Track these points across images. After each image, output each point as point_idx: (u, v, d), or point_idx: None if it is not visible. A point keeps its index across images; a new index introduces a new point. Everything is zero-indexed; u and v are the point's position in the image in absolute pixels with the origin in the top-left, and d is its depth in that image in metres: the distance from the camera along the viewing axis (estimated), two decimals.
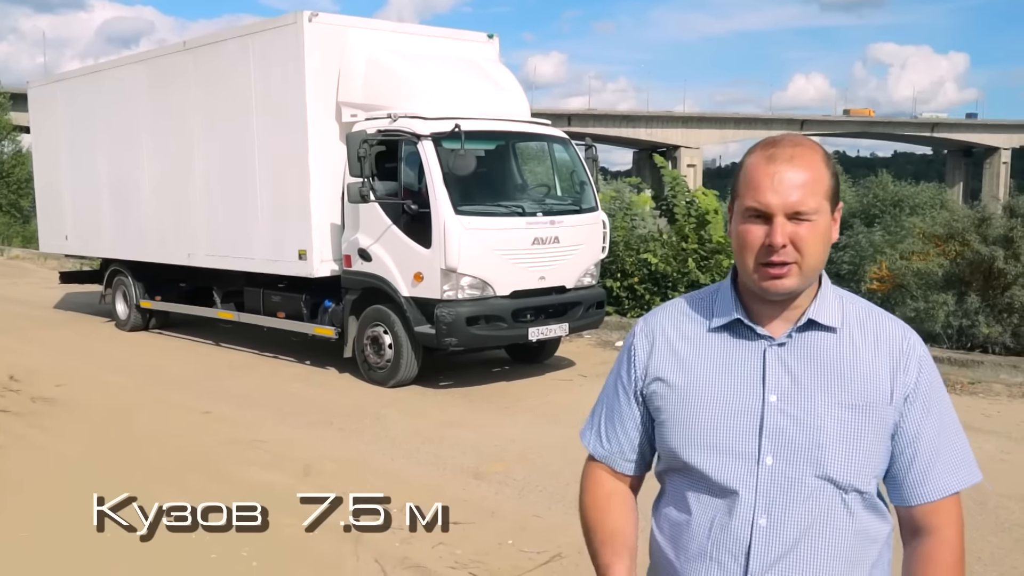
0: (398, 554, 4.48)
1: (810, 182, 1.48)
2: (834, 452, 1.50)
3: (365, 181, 8.01)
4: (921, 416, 1.54)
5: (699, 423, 1.57)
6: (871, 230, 32.67)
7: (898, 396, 1.53)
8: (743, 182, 1.52)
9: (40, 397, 8.03)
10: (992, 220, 11.01)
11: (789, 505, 1.51)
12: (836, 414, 1.51)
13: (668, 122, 75.25)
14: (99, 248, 12.68)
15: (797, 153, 1.49)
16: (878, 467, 1.54)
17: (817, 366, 1.53)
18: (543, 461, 6.14)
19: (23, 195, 31.69)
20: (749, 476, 1.53)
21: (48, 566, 4.51)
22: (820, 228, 1.49)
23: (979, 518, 4.97)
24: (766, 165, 1.49)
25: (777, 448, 1.51)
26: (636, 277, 11.56)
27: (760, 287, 1.52)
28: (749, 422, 1.53)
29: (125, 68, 11.78)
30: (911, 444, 1.54)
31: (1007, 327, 9.68)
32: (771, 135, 1.62)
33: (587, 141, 9.45)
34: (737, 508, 1.53)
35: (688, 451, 1.58)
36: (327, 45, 8.71)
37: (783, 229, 1.47)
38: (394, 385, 8.38)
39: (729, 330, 1.59)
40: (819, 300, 1.56)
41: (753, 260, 1.50)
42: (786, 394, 1.53)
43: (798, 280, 1.50)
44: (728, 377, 1.57)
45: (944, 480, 1.55)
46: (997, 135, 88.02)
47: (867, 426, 1.51)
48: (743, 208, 1.51)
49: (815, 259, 1.50)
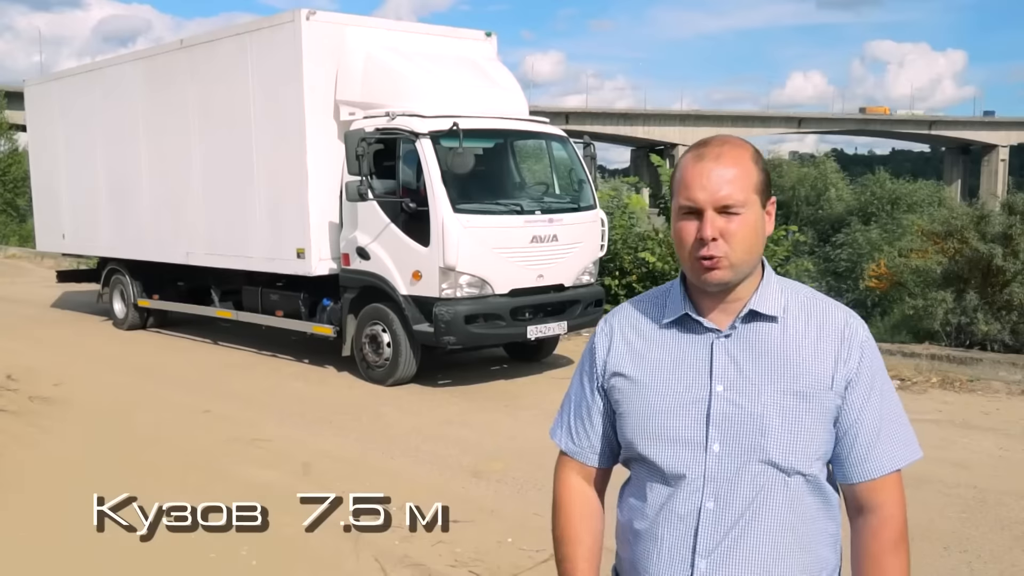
0: (398, 552, 4.47)
1: (737, 177, 1.56)
2: (776, 437, 1.57)
3: (363, 179, 8.00)
4: (863, 399, 1.60)
5: (652, 414, 1.65)
6: (868, 228, 32.69)
7: (840, 381, 1.59)
8: (676, 182, 1.61)
9: (38, 396, 8.02)
10: (990, 217, 11.01)
11: (735, 489, 1.59)
12: (779, 401, 1.57)
13: (666, 120, 75.27)
14: (96, 247, 12.67)
15: (724, 151, 1.58)
16: (820, 450, 1.60)
17: (761, 355, 1.61)
18: (542, 459, 6.09)
19: (19, 194, 31.66)
20: (697, 463, 1.61)
21: (48, 566, 4.49)
22: (749, 221, 1.57)
23: (979, 515, 4.98)
24: (695, 164, 1.57)
25: (724, 435, 1.59)
26: (634, 275, 11.54)
27: (698, 280, 1.60)
28: (697, 411, 1.61)
29: (122, 66, 11.76)
30: (853, 425, 1.60)
31: (1006, 324, 9.68)
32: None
33: (585, 139, 9.44)
34: (686, 493, 1.62)
35: (642, 441, 1.67)
36: (325, 43, 8.69)
37: (713, 223, 1.55)
38: (393, 383, 8.37)
39: (679, 325, 1.67)
40: (760, 291, 1.63)
41: (688, 254, 1.59)
42: (732, 383, 1.60)
43: (731, 272, 1.57)
44: (679, 369, 1.65)
45: (884, 459, 1.61)
46: (995, 132, 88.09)
47: (809, 412, 1.58)
48: (677, 206, 1.60)
49: (745, 251, 1.57)
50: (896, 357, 8.71)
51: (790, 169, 44.64)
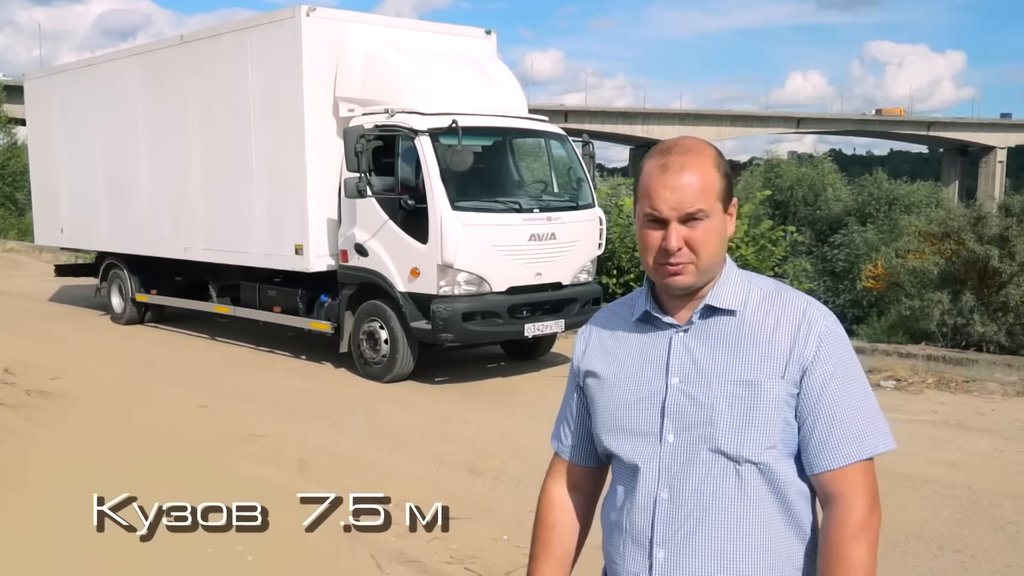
0: (394, 549, 4.48)
1: (700, 186, 1.58)
2: (724, 426, 1.59)
3: (362, 176, 8.00)
4: (820, 387, 1.59)
5: (615, 409, 1.72)
6: (865, 229, 32.68)
7: (793, 370, 1.60)
8: (641, 189, 1.62)
9: (35, 390, 8.03)
10: (987, 219, 11.02)
11: (688, 478, 1.62)
12: (729, 390, 1.60)
13: (665, 119, 75.23)
14: (95, 241, 12.67)
15: (688, 161, 1.59)
16: (771, 438, 1.59)
17: (716, 347, 1.64)
18: (538, 457, 6.10)
19: (18, 188, 31.59)
20: (653, 454, 1.65)
21: (48, 565, 4.49)
22: (713, 228, 1.60)
23: (973, 516, 5.00)
24: (660, 174, 1.59)
25: (678, 426, 1.63)
26: (632, 274, 11.55)
27: (661, 284, 1.65)
28: (654, 404, 1.66)
29: (122, 61, 11.76)
30: (810, 415, 1.60)
31: (1002, 326, 9.69)
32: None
33: (584, 138, 9.45)
34: (643, 484, 1.66)
35: (607, 435, 1.73)
36: (325, 40, 8.70)
37: (677, 233, 1.58)
38: (390, 380, 8.38)
39: (644, 322, 1.72)
40: (718, 287, 1.66)
41: (652, 260, 1.63)
42: (687, 376, 1.64)
43: (695, 277, 1.61)
44: (640, 364, 1.70)
45: (845, 448, 1.59)
46: (993, 134, 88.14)
47: (758, 400, 1.59)
48: (642, 213, 1.62)
49: (710, 257, 1.61)
50: (892, 357, 8.74)
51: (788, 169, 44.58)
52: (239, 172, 9.65)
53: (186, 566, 4.30)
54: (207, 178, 10.20)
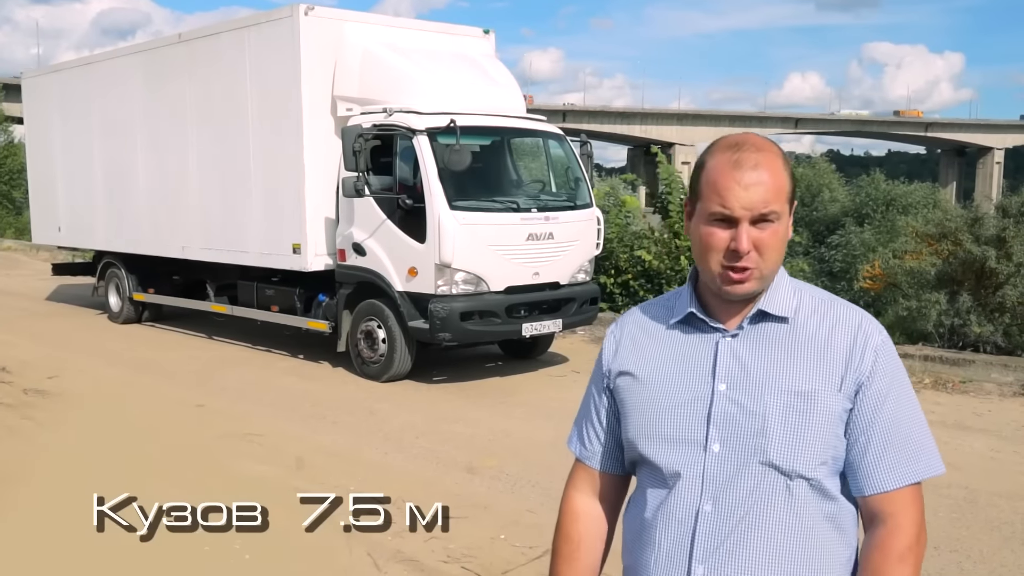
0: (391, 548, 4.49)
1: (774, 188, 1.51)
2: (777, 438, 1.51)
3: (360, 175, 8.00)
4: (875, 405, 1.53)
5: (653, 413, 1.62)
6: (862, 229, 32.73)
7: (849, 384, 1.53)
8: (707, 184, 1.53)
9: (32, 389, 8.02)
10: (984, 220, 11.03)
11: (734, 491, 1.53)
12: (782, 400, 1.52)
13: (663, 119, 75.35)
14: (92, 240, 12.65)
15: (761, 159, 1.51)
16: (825, 454, 1.53)
17: (767, 355, 1.56)
18: (536, 456, 6.15)
19: (15, 186, 31.52)
20: (696, 463, 1.56)
21: (47, 565, 4.48)
22: (780, 231, 1.53)
23: (969, 516, 5.01)
24: (732, 170, 1.50)
25: (724, 435, 1.54)
26: (630, 274, 11.57)
27: (721, 289, 1.56)
28: (698, 411, 1.57)
29: (120, 60, 11.74)
30: (864, 433, 1.53)
31: (998, 326, 9.69)
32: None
33: (582, 137, 9.45)
34: (684, 495, 1.57)
35: (642, 440, 1.63)
36: (323, 38, 8.70)
37: (748, 235, 1.50)
38: (387, 380, 8.38)
39: (686, 324, 1.64)
40: (771, 292, 1.58)
41: (716, 263, 1.54)
42: (735, 383, 1.56)
43: (758, 283, 1.54)
44: (682, 368, 1.61)
45: (898, 470, 1.53)
46: (990, 135, 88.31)
47: (813, 413, 1.52)
48: (707, 211, 1.53)
49: (775, 262, 1.55)
50: None
51: None
52: (237, 171, 9.64)
53: (184, 565, 4.30)
54: (205, 177, 10.19)
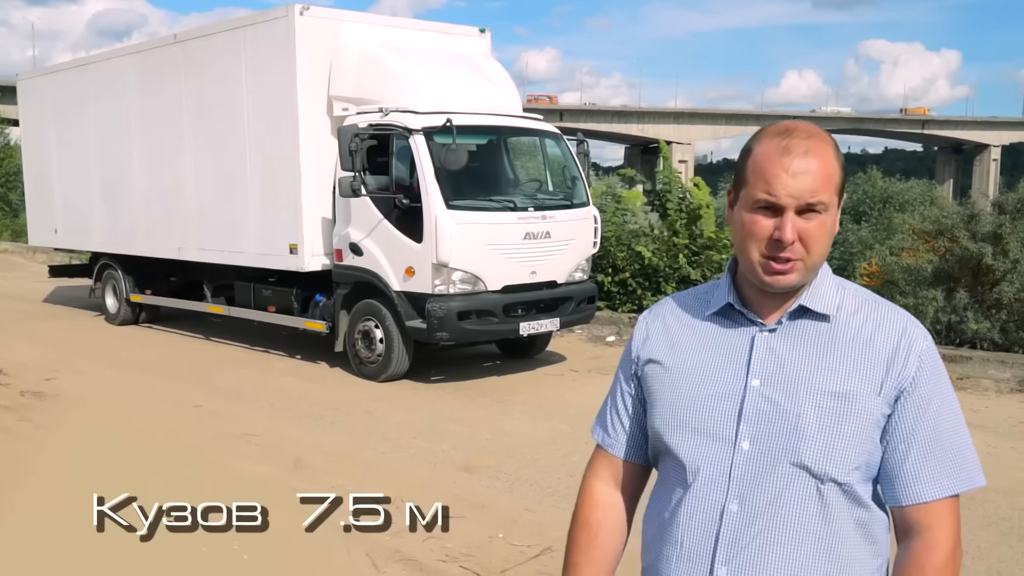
0: (389, 547, 4.48)
1: (823, 177, 1.44)
2: (811, 439, 1.45)
3: (356, 175, 7.99)
4: (917, 412, 1.47)
5: (681, 403, 1.56)
6: (859, 227, 32.74)
7: (889, 389, 1.47)
8: (753, 170, 1.47)
9: (29, 391, 8.00)
10: (981, 216, 11.04)
11: (762, 491, 1.47)
12: (818, 401, 1.46)
13: (660, 118, 75.39)
14: (89, 242, 12.64)
15: (812, 146, 1.45)
16: (859, 459, 1.47)
17: (805, 352, 1.50)
18: (534, 455, 6.16)
19: (12, 188, 31.49)
20: (723, 460, 1.50)
21: (47, 565, 4.47)
22: (828, 223, 1.47)
23: (966, 512, 4.97)
24: (780, 156, 1.44)
25: (755, 433, 1.49)
26: (627, 272, 11.57)
27: (762, 280, 1.49)
28: (729, 405, 1.51)
29: (115, 61, 11.73)
30: (904, 440, 1.47)
31: (995, 323, 9.71)
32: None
33: (579, 136, 9.46)
34: (708, 492, 1.51)
35: (668, 432, 1.58)
36: (318, 38, 8.69)
37: (793, 224, 1.43)
38: (385, 379, 8.37)
39: (722, 315, 1.58)
40: (813, 288, 1.52)
41: (758, 253, 1.47)
42: (770, 379, 1.50)
43: (801, 275, 1.48)
44: (715, 360, 1.55)
45: (938, 481, 1.47)
46: (987, 132, 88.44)
47: (850, 415, 1.46)
48: (752, 199, 1.46)
49: (820, 255, 1.48)
50: None
51: None
52: (233, 171, 9.63)
53: (182, 565, 4.29)
54: (201, 177, 10.18)
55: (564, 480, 5.57)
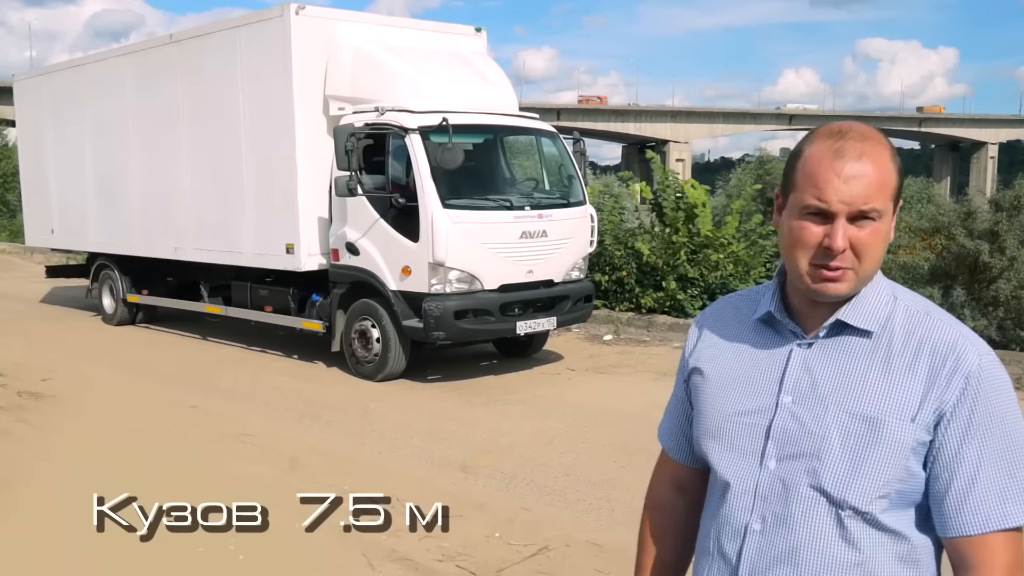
0: (385, 546, 4.48)
1: (877, 183, 1.36)
2: (831, 463, 1.39)
3: (353, 175, 7.99)
4: (961, 437, 1.36)
5: (716, 416, 1.54)
6: None
7: (927, 413, 1.36)
8: (803, 174, 1.39)
9: (26, 391, 8.00)
10: (977, 214, 11.06)
11: (784, 514, 1.43)
12: (844, 423, 1.39)
13: (657, 116, 75.39)
14: (85, 242, 12.63)
15: (867, 149, 1.37)
16: (887, 487, 1.38)
17: (840, 370, 1.43)
18: (531, 454, 6.15)
19: (9, 189, 31.49)
20: (750, 477, 1.47)
21: (47, 565, 4.45)
22: (882, 231, 1.39)
23: None
24: (832, 160, 1.36)
25: (781, 453, 1.44)
26: (624, 271, 11.57)
27: (810, 289, 1.41)
28: (759, 421, 1.47)
29: (111, 61, 11.72)
30: (947, 467, 1.37)
31: (992, 320, 9.72)
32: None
33: (575, 135, 9.46)
34: (734, 508, 1.49)
35: (704, 443, 1.56)
36: (314, 38, 8.68)
37: (844, 232, 1.36)
38: (382, 379, 8.37)
39: (765, 325, 1.53)
40: (856, 300, 1.43)
41: (806, 261, 1.40)
42: (801, 397, 1.44)
43: (852, 285, 1.40)
44: (751, 373, 1.51)
45: (984, 513, 1.35)
46: (984, 130, 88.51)
47: (876, 440, 1.37)
48: (801, 204, 1.39)
49: (873, 264, 1.40)
50: None
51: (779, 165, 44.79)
52: (229, 171, 9.63)
53: (179, 565, 4.29)
54: (197, 177, 10.17)
55: (561, 479, 5.57)
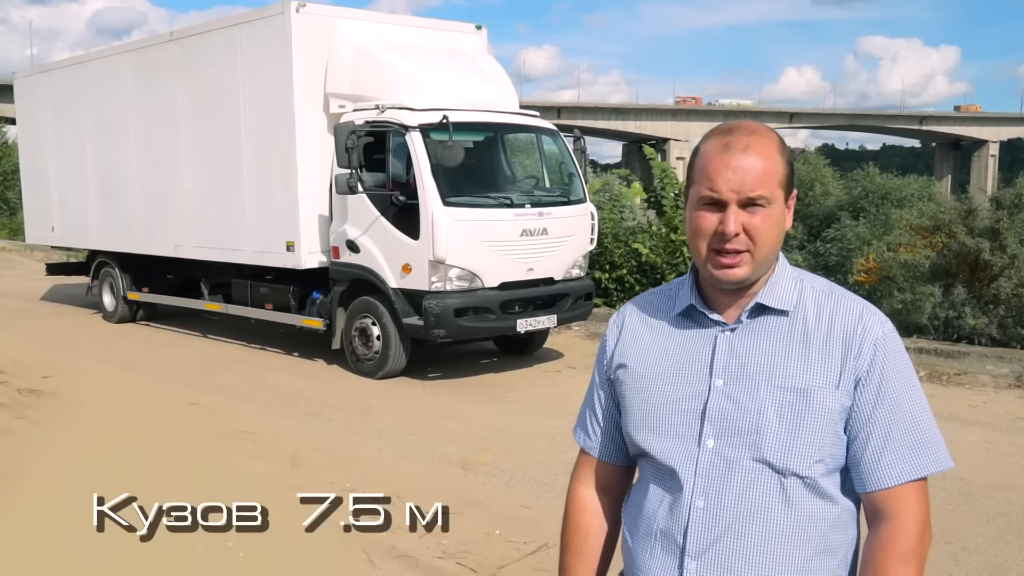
0: (386, 544, 4.48)
1: (764, 171, 1.49)
2: (771, 435, 1.50)
3: (353, 172, 7.98)
4: (875, 399, 1.50)
5: (650, 407, 1.61)
6: (857, 223, 32.76)
7: (847, 379, 1.50)
8: (698, 169, 1.53)
9: (27, 389, 8.00)
10: (978, 212, 11.06)
11: (727, 488, 1.52)
12: (778, 397, 1.50)
13: (658, 115, 75.34)
14: (86, 240, 12.62)
15: (752, 142, 1.50)
16: (821, 452, 1.50)
17: (765, 350, 1.54)
18: (531, 452, 6.15)
19: (9, 187, 31.51)
20: (690, 458, 1.55)
21: (47, 565, 4.45)
22: (773, 217, 1.51)
23: (964, 508, 5.02)
24: (721, 153, 1.50)
25: (719, 431, 1.53)
26: (624, 269, 11.57)
27: (712, 275, 1.54)
28: (694, 406, 1.56)
29: (112, 59, 11.71)
30: (864, 428, 1.51)
31: (993, 318, 9.72)
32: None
33: (575, 133, 9.45)
34: (678, 490, 1.56)
35: (640, 434, 1.63)
36: (314, 35, 8.67)
37: (736, 217, 1.48)
38: (382, 377, 8.37)
39: (686, 317, 1.62)
40: (770, 284, 1.57)
41: (706, 247, 1.52)
42: (732, 378, 1.54)
43: (750, 269, 1.52)
44: (680, 362, 1.60)
45: (899, 466, 1.50)
46: (985, 128, 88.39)
47: (808, 410, 1.49)
48: (697, 195, 1.52)
49: (768, 247, 1.52)
50: None
51: None
52: (230, 169, 9.62)
53: (181, 565, 4.29)
54: (198, 175, 10.16)
55: (561, 477, 5.56)
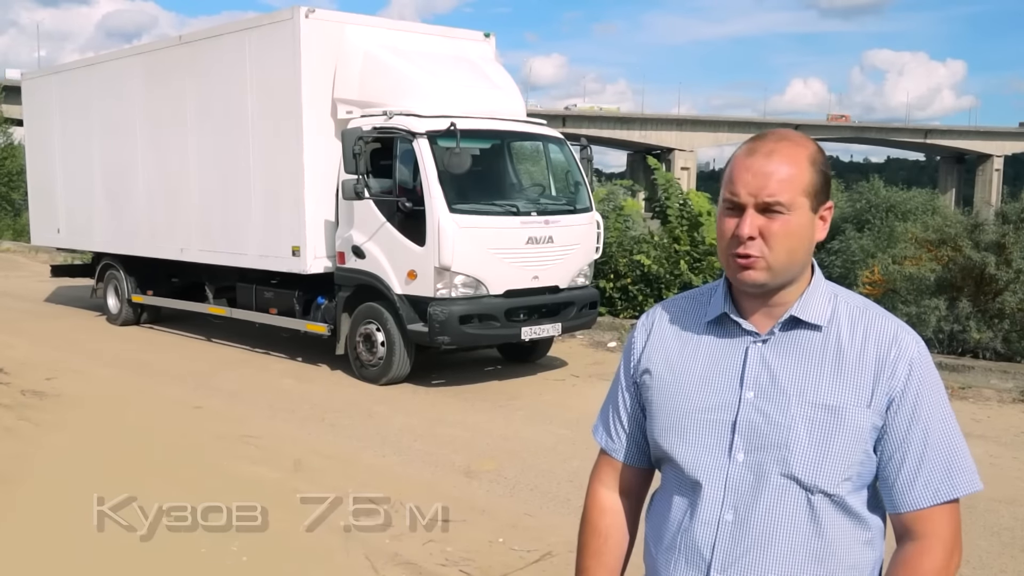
0: (388, 551, 4.47)
1: (787, 177, 1.47)
2: (800, 452, 1.48)
3: (360, 178, 7.99)
4: (909, 421, 1.48)
5: (678, 414, 1.59)
6: (861, 235, 32.71)
7: (880, 399, 1.49)
8: (725, 174, 1.54)
9: (30, 390, 8.00)
10: (984, 226, 11.05)
11: (755, 502, 1.51)
12: (808, 414, 1.49)
13: (663, 124, 75.44)
14: (91, 242, 12.65)
15: (779, 147, 1.49)
16: (850, 471, 1.49)
17: (797, 364, 1.52)
18: (535, 460, 6.14)
19: (14, 188, 31.53)
20: (719, 471, 1.54)
21: (47, 565, 4.44)
22: (792, 224, 1.48)
23: (968, 522, 4.96)
24: (745, 157, 1.50)
25: (749, 445, 1.52)
26: (629, 278, 11.57)
27: (732, 278, 1.55)
28: (724, 417, 1.54)
29: (120, 61, 11.74)
30: (898, 449, 1.49)
31: (998, 332, 9.69)
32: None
33: (582, 141, 9.45)
34: (705, 502, 1.54)
35: (667, 442, 1.61)
36: (323, 41, 8.69)
37: (751, 221, 1.47)
38: (386, 383, 8.36)
39: (718, 325, 1.61)
40: (805, 297, 1.54)
41: (725, 250, 1.53)
42: (763, 391, 1.52)
43: (766, 275, 1.50)
44: (710, 371, 1.58)
45: (933, 488, 1.48)
46: (990, 142, 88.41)
47: (838, 427, 1.48)
48: (721, 199, 1.54)
49: (785, 255, 1.49)
50: None
51: None
52: (237, 173, 9.63)
53: (181, 565, 4.28)
54: (204, 179, 10.18)
55: (565, 485, 5.55)
